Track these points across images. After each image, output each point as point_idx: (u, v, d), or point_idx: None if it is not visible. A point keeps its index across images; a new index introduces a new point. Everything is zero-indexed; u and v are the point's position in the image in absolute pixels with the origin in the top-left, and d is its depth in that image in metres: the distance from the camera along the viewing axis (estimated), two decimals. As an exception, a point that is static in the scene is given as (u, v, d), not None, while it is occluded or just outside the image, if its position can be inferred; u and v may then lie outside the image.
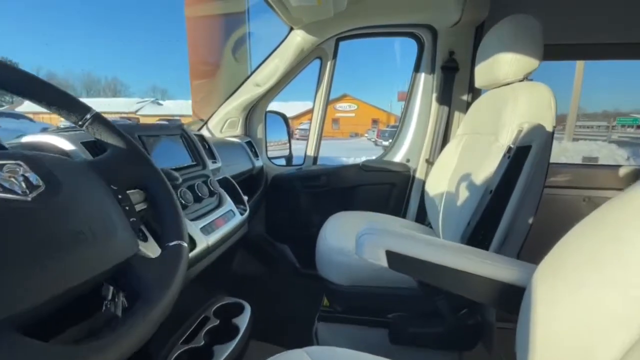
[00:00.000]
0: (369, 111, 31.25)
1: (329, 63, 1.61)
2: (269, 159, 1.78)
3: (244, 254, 1.74)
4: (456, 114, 1.52)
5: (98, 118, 0.48)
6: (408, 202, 1.59)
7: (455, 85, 1.47)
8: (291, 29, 1.46)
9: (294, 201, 1.68)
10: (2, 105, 33.42)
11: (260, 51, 1.70)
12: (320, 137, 1.73)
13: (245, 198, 1.26)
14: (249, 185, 1.58)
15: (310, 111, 1.74)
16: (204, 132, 1.60)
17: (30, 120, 16.30)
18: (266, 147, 1.78)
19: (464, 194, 0.94)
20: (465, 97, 1.50)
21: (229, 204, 0.95)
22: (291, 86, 1.67)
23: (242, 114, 1.64)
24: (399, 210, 1.60)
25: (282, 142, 2.00)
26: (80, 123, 0.46)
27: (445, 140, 1.51)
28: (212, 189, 0.89)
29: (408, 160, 1.64)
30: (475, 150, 1.08)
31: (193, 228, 0.75)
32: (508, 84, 0.98)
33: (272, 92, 1.65)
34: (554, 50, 1.16)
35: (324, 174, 1.62)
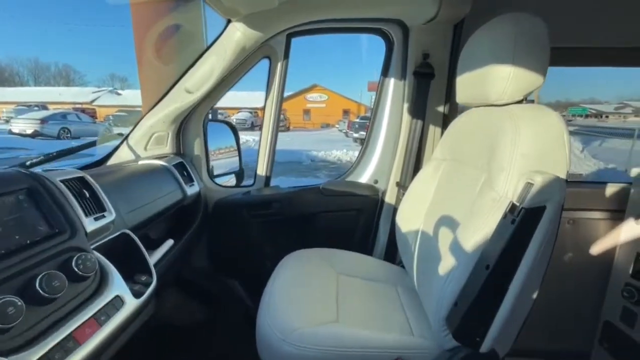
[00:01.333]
0: (340, 102, 31.00)
1: (279, 64, 1.31)
2: (212, 178, 1.46)
3: (178, 298, 1.43)
4: (432, 129, 1.28)
5: None
6: (376, 232, 1.35)
7: (431, 95, 1.23)
8: (228, 21, 1.14)
9: (242, 232, 1.39)
10: None
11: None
12: (273, 152, 1.43)
13: (159, 254, 0.95)
14: (179, 218, 1.26)
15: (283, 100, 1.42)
16: (122, 151, 1.25)
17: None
18: (208, 165, 1.46)
19: (448, 257, 0.70)
20: (441, 109, 1.27)
21: (114, 286, 0.64)
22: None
23: (171, 127, 1.30)
24: (366, 243, 1.36)
25: (229, 155, 1.69)
26: None
27: (419, 160, 1.28)
28: (79, 271, 0.58)
29: (376, 182, 1.39)
30: (460, 188, 0.84)
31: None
32: (502, 105, 0.75)
33: (209, 100, 1.32)
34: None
35: (277, 200, 1.33)
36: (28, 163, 0.95)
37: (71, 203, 0.66)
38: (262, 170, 1.43)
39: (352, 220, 1.36)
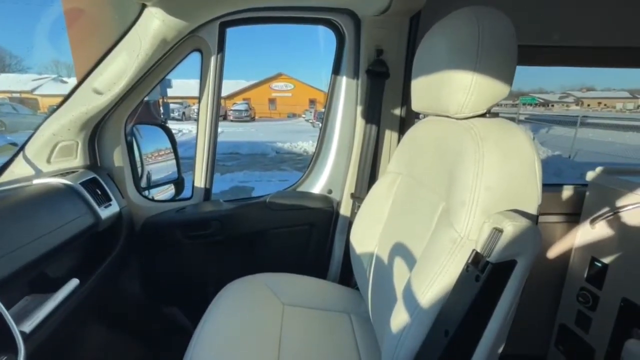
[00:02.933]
0: (306, 91, 30.55)
1: (212, 58, 1.11)
2: (142, 192, 1.25)
3: (111, 334, 1.22)
4: (388, 134, 1.16)
5: None
6: (331, 249, 1.22)
7: (386, 97, 1.10)
8: (143, 6, 0.93)
9: (177, 255, 1.20)
10: None
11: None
12: (212, 160, 1.24)
13: (66, 290, 0.76)
14: (90, 249, 1.05)
15: (244, 91, 1.22)
16: (17, 166, 1.01)
17: None
18: (135, 177, 1.24)
19: (402, 307, 0.58)
20: (398, 113, 1.15)
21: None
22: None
23: (80, 135, 1.07)
24: (321, 262, 1.23)
25: (165, 162, 1.47)
26: None
27: (374, 169, 1.16)
28: None
29: (330, 192, 1.25)
30: (415, 213, 0.72)
31: None
32: (463, 118, 0.63)
33: (129, 101, 1.10)
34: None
35: (216, 218, 1.16)
36: None
37: None
38: (199, 181, 1.24)
39: (304, 237, 1.22)
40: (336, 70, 1.20)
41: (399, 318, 0.56)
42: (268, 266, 1.09)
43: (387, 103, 1.11)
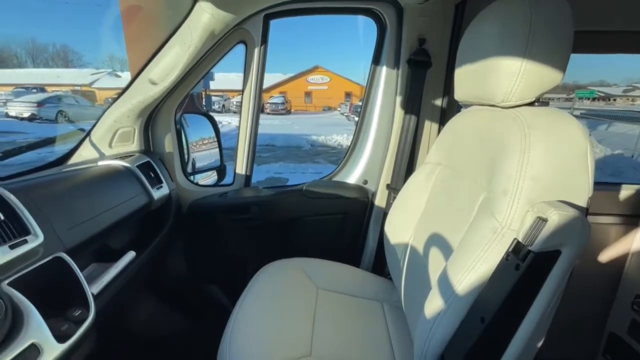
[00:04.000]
0: (342, 84, 30.31)
1: (256, 49, 1.16)
2: (188, 177, 1.34)
3: (157, 306, 1.34)
4: (427, 125, 1.14)
5: None
6: (365, 238, 1.23)
7: (428, 87, 1.08)
8: (194, 1, 0.99)
9: (219, 237, 1.28)
10: None
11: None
12: (253, 148, 1.30)
13: (117, 269, 0.84)
14: (144, 226, 1.15)
15: (281, 84, 1.28)
16: (85, 150, 1.13)
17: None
18: (183, 162, 1.33)
19: (437, 294, 0.58)
20: (439, 103, 1.12)
21: (30, 330, 0.53)
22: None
23: (137, 122, 1.17)
24: (354, 251, 1.24)
25: (209, 150, 1.56)
26: None
27: (412, 160, 1.14)
28: None
29: (365, 182, 1.26)
30: (454, 204, 0.71)
31: None
32: (509, 107, 0.61)
33: (179, 91, 1.18)
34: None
35: (255, 204, 1.21)
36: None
37: None
38: (241, 168, 1.30)
39: (338, 225, 1.24)
40: (376, 61, 1.19)
41: (434, 305, 0.56)
42: (303, 251, 1.13)
43: (427, 93, 1.09)
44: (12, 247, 0.58)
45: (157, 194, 1.10)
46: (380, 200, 1.21)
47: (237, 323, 0.81)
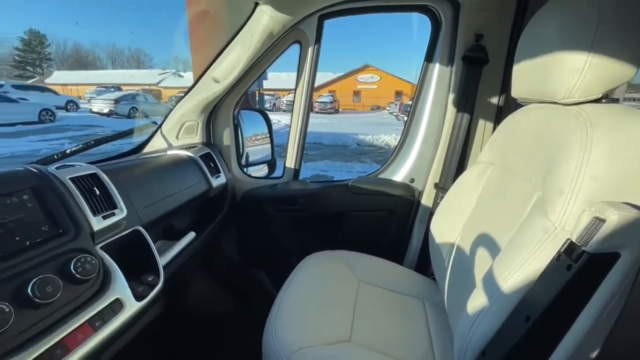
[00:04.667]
0: (392, 82, 29.63)
1: (310, 49, 1.21)
2: (242, 169, 1.44)
3: (209, 285, 1.47)
4: (481, 124, 1.10)
5: None
6: (409, 237, 1.22)
7: (482, 85, 1.05)
8: (255, 5, 1.07)
9: (268, 226, 1.36)
10: (33, 77, 34.56)
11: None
12: (303, 144, 1.36)
13: (179, 247, 0.95)
14: (205, 210, 1.27)
15: (330, 83, 1.34)
16: (156, 140, 1.28)
17: (55, 93, 16.74)
18: (238, 155, 1.44)
19: (481, 291, 0.58)
20: (495, 101, 1.08)
21: (115, 288, 0.64)
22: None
23: (201, 117, 1.29)
24: (397, 249, 1.24)
25: (262, 144, 1.66)
26: None
27: (463, 160, 1.11)
28: (77, 274, 0.57)
29: (412, 181, 1.25)
30: (506, 204, 0.69)
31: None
32: (572, 104, 0.58)
33: (238, 89, 1.28)
34: None
35: (303, 196, 1.27)
36: (68, 151, 1.00)
37: (78, 202, 0.66)
38: (290, 162, 1.37)
39: (382, 222, 1.25)
40: (429, 58, 1.18)
41: (477, 301, 0.56)
42: (346, 245, 1.16)
43: (482, 91, 1.05)
44: (104, 218, 0.69)
45: (216, 182, 1.21)
46: (427, 199, 1.19)
47: (281, 306, 0.86)
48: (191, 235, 1.06)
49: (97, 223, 0.68)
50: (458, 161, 1.10)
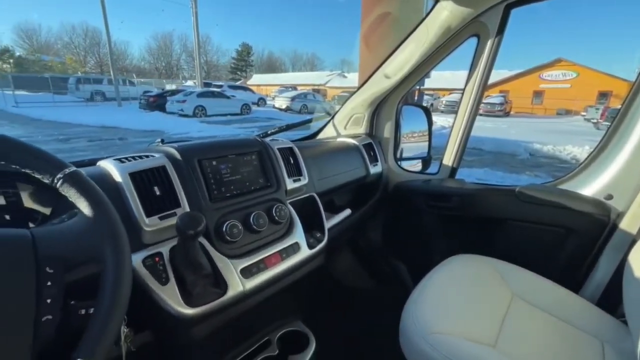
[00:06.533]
0: (595, 80, 22.73)
1: (489, 41, 1.13)
2: (398, 162, 1.51)
3: (352, 260, 1.63)
4: None
5: (71, 177, 0.43)
6: (594, 266, 1.00)
7: None
8: (436, 2, 1.09)
9: (415, 219, 1.38)
10: (240, 79, 45.18)
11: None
12: (465, 142, 1.30)
13: (337, 219, 1.11)
14: (360, 192, 1.41)
15: (503, 82, 1.27)
16: (328, 128, 1.50)
17: (252, 92, 21.49)
18: (395, 147, 1.51)
19: None
20: None
21: (296, 234, 0.83)
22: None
23: (367, 110, 1.43)
24: (572, 277, 1.03)
25: (419, 140, 1.67)
26: (53, 184, 0.43)
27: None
28: (276, 217, 0.79)
29: (609, 197, 1.00)
30: None
31: (230, 268, 0.68)
32: None
33: (405, 85, 1.34)
34: None
35: (458, 195, 1.22)
36: (269, 132, 1.32)
37: (280, 166, 0.89)
38: (448, 159, 1.33)
39: (555, 240, 1.06)
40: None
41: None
42: (500, 254, 1.05)
43: None
44: (294, 181, 0.91)
45: (373, 170, 1.33)
46: (629, 224, 0.94)
47: (424, 291, 0.88)
48: (347, 211, 1.21)
49: (289, 184, 0.89)
50: None
